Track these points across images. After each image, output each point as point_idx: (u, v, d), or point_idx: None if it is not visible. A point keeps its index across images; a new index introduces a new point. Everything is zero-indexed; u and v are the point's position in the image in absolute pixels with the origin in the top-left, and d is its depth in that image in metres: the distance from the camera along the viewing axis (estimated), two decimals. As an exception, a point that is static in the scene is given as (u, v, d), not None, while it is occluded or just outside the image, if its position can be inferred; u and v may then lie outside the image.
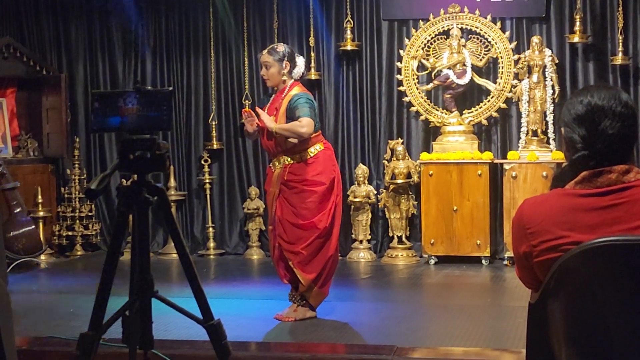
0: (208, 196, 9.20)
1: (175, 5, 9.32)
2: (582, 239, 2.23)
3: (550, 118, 8.24)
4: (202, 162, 9.17)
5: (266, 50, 5.97)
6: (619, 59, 8.25)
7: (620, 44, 8.25)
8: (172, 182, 9.12)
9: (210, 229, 9.16)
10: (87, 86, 9.48)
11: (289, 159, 5.84)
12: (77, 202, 9.15)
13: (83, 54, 9.51)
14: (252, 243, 9.06)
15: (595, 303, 2.21)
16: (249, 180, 9.21)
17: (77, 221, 9.14)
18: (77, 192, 9.14)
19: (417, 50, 8.57)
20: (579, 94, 2.40)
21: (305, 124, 5.67)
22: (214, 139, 9.14)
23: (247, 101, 9.05)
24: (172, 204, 8.73)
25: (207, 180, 9.16)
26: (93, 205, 9.24)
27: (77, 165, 9.25)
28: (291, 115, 5.74)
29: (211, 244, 9.14)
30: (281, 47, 6.00)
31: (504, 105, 8.51)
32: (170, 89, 3.09)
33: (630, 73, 8.40)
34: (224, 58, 9.24)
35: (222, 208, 9.32)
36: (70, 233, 9.15)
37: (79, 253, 9.15)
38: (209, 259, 8.97)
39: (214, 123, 9.14)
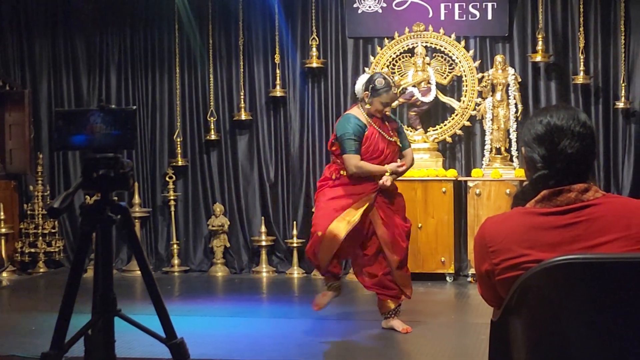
0: (172, 213, 9.16)
1: (140, 21, 9.30)
2: (542, 257, 2.25)
3: (513, 136, 8.32)
4: (167, 178, 9.14)
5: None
6: (580, 78, 8.37)
7: (582, 63, 8.37)
8: (136, 199, 9.07)
9: (175, 246, 9.11)
10: (51, 102, 9.42)
11: None
12: (40, 219, 9.07)
13: (47, 70, 9.45)
14: (217, 260, 9.03)
15: (556, 320, 2.24)
16: (213, 197, 9.19)
17: (40, 238, 9.05)
18: (40, 209, 9.06)
19: (382, 68, 8.63)
20: (538, 114, 2.44)
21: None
22: (179, 155, 9.12)
23: (212, 118, 9.05)
24: (136, 220, 8.78)
25: (172, 197, 9.12)
26: (56, 222, 9.16)
27: (40, 182, 9.18)
28: None
29: (175, 260, 9.10)
30: None
31: (468, 123, 8.59)
32: (134, 107, 3.09)
33: (591, 92, 8.52)
34: (189, 74, 9.23)
35: (187, 225, 9.28)
36: (32, 250, 9.05)
37: (41, 270, 9.06)
38: (173, 276, 8.92)
39: (178, 140, 9.12)
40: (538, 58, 8.42)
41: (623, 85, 8.40)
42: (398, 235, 5.92)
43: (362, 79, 6.04)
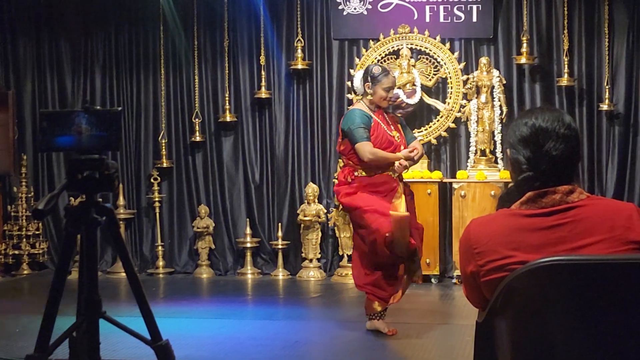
0: (157, 214, 9.13)
1: (125, 22, 9.27)
2: (527, 259, 2.26)
3: (498, 138, 8.35)
4: (152, 180, 9.11)
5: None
6: (564, 80, 8.40)
7: (566, 65, 8.40)
8: (121, 201, 9.04)
9: (160, 248, 9.09)
10: (35, 103, 9.37)
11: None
12: (24, 221, 9.02)
13: (31, 70, 9.41)
14: (202, 262, 9.01)
15: (541, 322, 2.25)
16: (198, 199, 9.17)
17: (24, 240, 9.00)
18: (24, 211, 9.01)
19: (367, 70, 8.63)
20: (523, 116, 2.45)
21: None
22: (164, 157, 9.09)
23: (197, 119, 9.03)
24: (121, 222, 8.74)
25: (157, 199, 9.10)
26: (40, 224, 9.12)
27: (24, 183, 9.13)
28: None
29: (160, 262, 9.07)
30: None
31: (453, 125, 8.61)
32: (120, 108, 3.08)
33: (575, 94, 8.55)
34: (174, 76, 9.21)
35: (172, 226, 9.26)
36: (16, 252, 9.00)
37: (25, 272, 9.01)
38: (158, 278, 8.90)
39: (163, 141, 9.10)
40: (523, 60, 8.45)
41: (607, 87, 8.43)
42: (418, 237, 5.91)
43: (359, 74, 6.05)
